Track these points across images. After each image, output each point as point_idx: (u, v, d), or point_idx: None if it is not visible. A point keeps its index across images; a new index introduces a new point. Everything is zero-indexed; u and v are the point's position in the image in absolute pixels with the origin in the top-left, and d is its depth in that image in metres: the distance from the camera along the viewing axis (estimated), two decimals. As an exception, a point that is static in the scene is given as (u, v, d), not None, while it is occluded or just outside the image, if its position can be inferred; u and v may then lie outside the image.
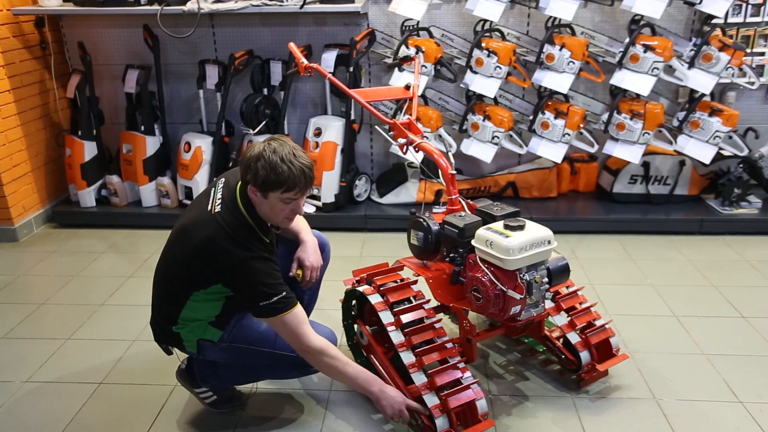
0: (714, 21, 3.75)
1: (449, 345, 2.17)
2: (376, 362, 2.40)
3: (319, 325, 2.22)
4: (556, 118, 3.84)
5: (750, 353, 2.67)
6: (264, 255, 1.97)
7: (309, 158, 1.95)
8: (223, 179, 2.12)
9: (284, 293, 1.97)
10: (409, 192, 4.18)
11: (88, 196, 4.22)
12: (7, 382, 2.56)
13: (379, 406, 2.10)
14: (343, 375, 2.09)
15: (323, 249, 2.44)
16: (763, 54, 3.97)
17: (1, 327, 2.97)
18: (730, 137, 3.81)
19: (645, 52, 3.63)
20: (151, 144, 4.16)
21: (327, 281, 3.15)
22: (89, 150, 4.17)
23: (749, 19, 3.84)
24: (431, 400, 2.05)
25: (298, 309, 2.00)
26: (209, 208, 2.01)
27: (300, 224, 2.37)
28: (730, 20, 3.83)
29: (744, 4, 3.78)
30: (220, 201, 2.02)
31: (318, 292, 2.57)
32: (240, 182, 2.02)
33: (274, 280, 1.97)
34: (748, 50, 3.91)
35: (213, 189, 2.09)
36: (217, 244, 1.93)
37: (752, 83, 3.82)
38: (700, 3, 3.57)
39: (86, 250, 3.85)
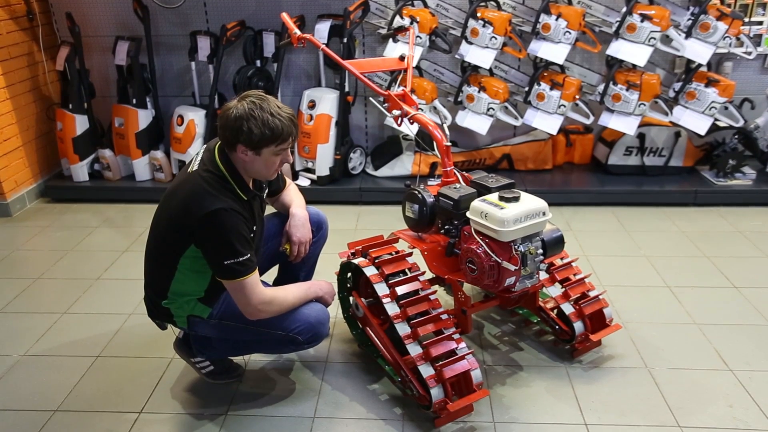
0: (712, -11, 3.73)
1: (444, 316, 2.19)
2: (372, 334, 2.43)
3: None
4: (551, 89, 3.83)
5: (741, 322, 2.71)
6: (237, 209, 1.97)
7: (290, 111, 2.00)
8: (204, 147, 2.16)
9: (249, 255, 1.97)
10: (404, 164, 4.18)
11: (80, 171, 4.21)
12: (5, 356, 2.58)
13: (323, 302, 2.22)
14: (293, 303, 2.12)
15: (321, 226, 2.45)
16: (760, 23, 3.95)
17: (-4, 301, 3.00)
18: (726, 108, 3.82)
19: (642, 21, 3.61)
20: (144, 117, 4.14)
21: (322, 253, 3.16)
22: (81, 123, 4.14)
23: (747, -12, 3.82)
24: (426, 370, 2.08)
25: (256, 273, 2.02)
26: (189, 170, 2.06)
27: (292, 195, 2.39)
28: (728, -11, 3.81)
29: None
30: (199, 162, 2.06)
31: (314, 269, 2.59)
32: (218, 144, 2.05)
33: (243, 240, 1.97)
34: (746, 19, 3.90)
35: (195, 156, 2.13)
36: (195, 195, 1.96)
37: (749, 53, 3.81)
38: (697, -29, 3.55)
39: (80, 224, 3.85)
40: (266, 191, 2.27)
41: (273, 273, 2.56)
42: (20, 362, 2.54)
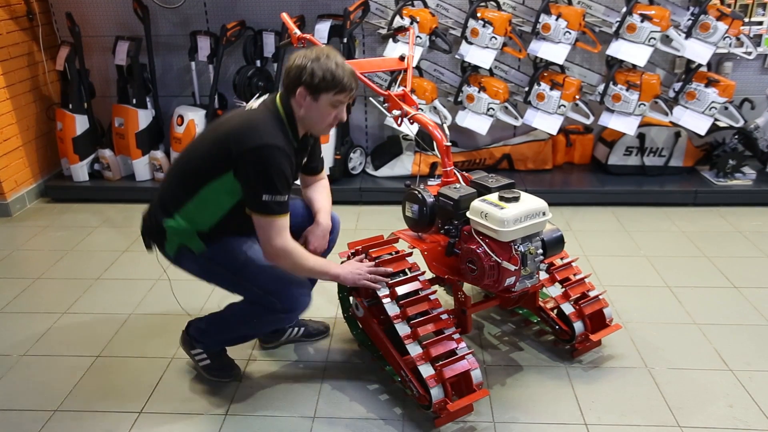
0: (712, -11, 3.73)
1: (444, 316, 2.19)
2: (372, 333, 2.43)
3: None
4: (551, 89, 3.83)
5: (741, 322, 2.71)
6: (286, 151, 2.00)
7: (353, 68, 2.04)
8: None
9: (287, 197, 2.01)
10: (404, 164, 4.18)
11: (80, 171, 4.21)
12: (5, 356, 2.57)
13: (346, 282, 2.19)
14: (311, 268, 2.12)
15: (334, 227, 2.43)
16: (760, 23, 3.95)
17: (-4, 301, 3.00)
18: (726, 108, 3.82)
19: (642, 21, 3.61)
20: (144, 117, 4.14)
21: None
22: (81, 123, 4.15)
23: (748, -12, 3.82)
24: (426, 370, 2.08)
25: (288, 217, 2.04)
26: (247, 108, 2.11)
27: (323, 198, 2.41)
28: (729, -12, 3.82)
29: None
30: (260, 103, 2.10)
31: None
32: (280, 92, 2.08)
33: (285, 180, 2.00)
34: (746, 19, 3.90)
35: (254, 101, 2.16)
36: (250, 126, 2.00)
37: (749, 53, 3.81)
38: (697, -29, 3.55)
39: (80, 224, 3.85)
40: (307, 155, 2.28)
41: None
42: (20, 362, 2.54)
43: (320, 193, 2.42)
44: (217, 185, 2.05)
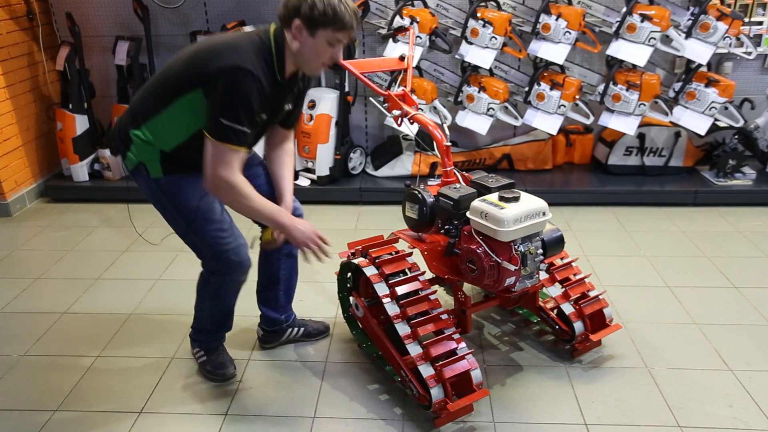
0: (712, -11, 3.73)
1: (444, 316, 2.19)
2: (372, 333, 2.43)
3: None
4: (551, 89, 3.83)
5: (741, 322, 2.71)
6: (262, 81, 1.88)
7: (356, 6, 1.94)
8: None
9: (250, 132, 1.91)
10: (404, 164, 4.18)
11: (80, 170, 4.21)
12: (5, 356, 2.58)
13: (291, 236, 2.08)
14: (253, 209, 2.02)
15: (295, 211, 2.38)
16: (760, 23, 3.95)
17: (-4, 301, 3.00)
18: (726, 108, 3.82)
19: (642, 21, 3.61)
20: (144, 117, 4.13)
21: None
22: (81, 123, 4.15)
23: (747, -12, 3.82)
24: (426, 370, 2.08)
25: (244, 153, 1.95)
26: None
27: (288, 184, 2.30)
28: (729, -11, 3.82)
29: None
30: (253, 30, 2.03)
31: (295, 280, 2.56)
32: (276, 23, 1.99)
33: (250, 111, 1.89)
34: (746, 19, 3.90)
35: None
36: (231, 46, 1.90)
37: (749, 53, 3.81)
38: (697, -29, 3.55)
39: (80, 224, 3.86)
40: (292, 101, 2.18)
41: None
42: (20, 362, 2.54)
43: (285, 168, 2.31)
44: (185, 102, 1.95)
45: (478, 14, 3.77)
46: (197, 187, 2.04)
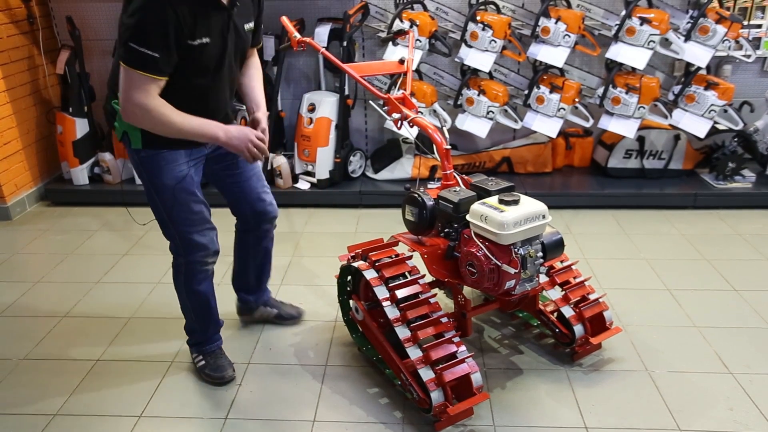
0: (711, -8, 3.74)
1: (444, 320, 2.18)
2: (372, 337, 2.43)
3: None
4: (551, 92, 3.83)
5: (741, 325, 2.71)
6: (179, 5, 1.81)
7: None
8: None
9: (158, 56, 1.83)
10: (404, 168, 4.18)
11: (80, 174, 4.21)
12: (5, 360, 2.57)
13: (229, 147, 2.05)
14: (179, 128, 1.96)
15: (262, 219, 2.52)
16: (759, 26, 3.95)
17: (-4, 305, 3.00)
18: (726, 111, 3.82)
19: (641, 24, 3.61)
20: (144, 120, 4.13)
21: (322, 257, 3.19)
22: (81, 127, 4.15)
23: (746, -9, 3.83)
24: (426, 373, 2.07)
25: (154, 84, 1.87)
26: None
27: (259, 95, 2.29)
28: (728, -8, 3.82)
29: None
30: None
31: (268, 266, 2.67)
32: None
33: (160, 36, 1.81)
34: (745, 22, 3.90)
35: None
36: None
37: (748, 56, 3.81)
38: (696, -26, 3.56)
39: (80, 227, 3.85)
40: (251, 20, 2.14)
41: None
42: (20, 366, 2.54)
43: (254, 80, 2.29)
44: None
45: (478, 17, 3.77)
46: (175, 168, 2.10)
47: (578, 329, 2.40)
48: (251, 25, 2.16)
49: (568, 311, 2.42)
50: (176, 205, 2.15)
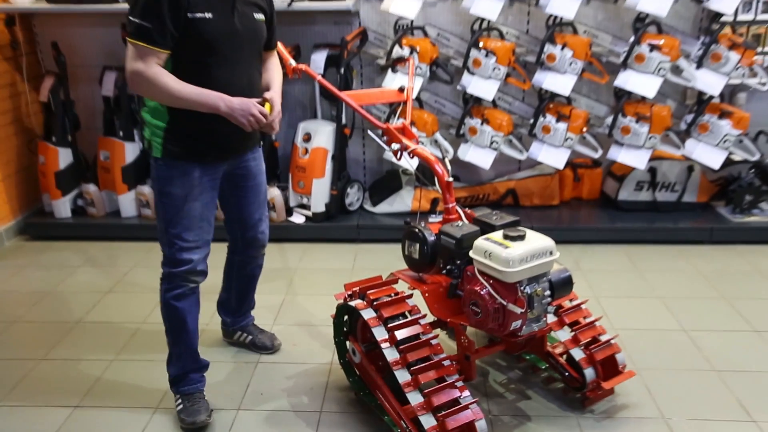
0: (723, 19, 3.80)
1: (446, 362, 2.17)
2: (370, 381, 2.40)
3: None
4: (557, 121, 3.87)
5: (763, 369, 2.69)
6: None
7: None
8: None
9: (150, 26, 2.03)
10: (404, 200, 4.20)
11: (63, 207, 4.22)
12: (-24, 406, 2.55)
13: (231, 118, 2.16)
14: (179, 96, 2.12)
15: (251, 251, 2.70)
16: (774, 53, 4.01)
17: (-31, 346, 2.97)
18: (741, 141, 3.85)
19: (651, 51, 3.67)
20: (130, 150, 4.17)
21: (318, 295, 3.17)
22: (64, 157, 4.17)
23: (760, 17, 3.88)
24: (428, 421, 2.05)
25: (152, 54, 2.06)
26: None
27: (275, 79, 2.46)
28: (740, 18, 3.88)
29: (754, 1, 3.83)
30: None
31: (252, 294, 2.82)
32: None
33: (153, 8, 2.02)
34: (759, 49, 3.96)
35: None
36: None
37: (764, 84, 3.86)
38: (708, 0, 3.61)
39: (61, 263, 3.84)
40: (261, 11, 2.31)
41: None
42: (-7, 412, 2.51)
43: (271, 71, 2.47)
44: None
45: (481, 44, 3.83)
46: (187, 180, 2.25)
47: (589, 373, 2.38)
48: (261, 16, 2.32)
49: (578, 353, 2.41)
50: (177, 216, 2.28)
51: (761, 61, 3.92)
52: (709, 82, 3.74)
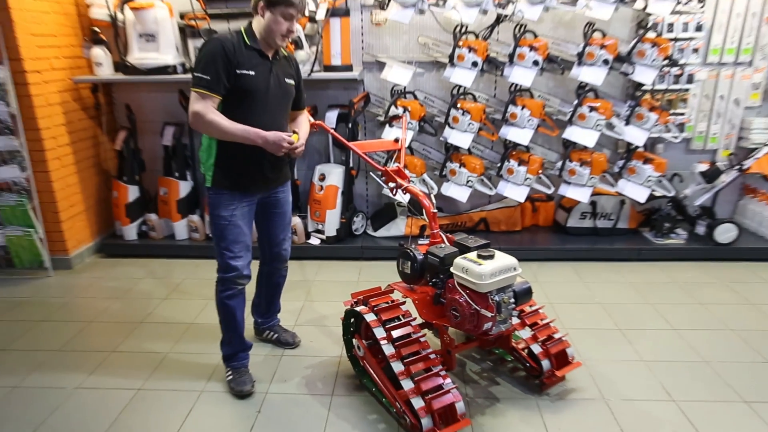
0: (644, 87, 3.85)
1: (432, 356, 2.16)
2: (371, 370, 2.39)
3: None
4: (519, 165, 3.89)
5: (680, 359, 2.68)
6: (227, 45, 2.15)
7: None
8: None
9: (209, 78, 2.13)
10: (399, 227, 4.20)
11: (130, 231, 4.22)
12: (61, 389, 2.53)
13: (266, 148, 2.22)
14: (226, 131, 2.18)
15: (275, 267, 2.72)
16: (683, 114, 4.06)
17: (57, 341, 2.95)
18: (660, 181, 3.88)
19: (590, 111, 3.71)
20: (184, 187, 4.19)
21: (330, 302, 3.16)
22: (132, 192, 4.19)
23: (671, 87, 3.94)
24: (418, 402, 2.04)
25: (209, 99, 2.15)
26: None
27: (303, 126, 2.52)
28: (657, 87, 3.93)
29: (666, 75, 3.89)
30: None
31: (277, 297, 2.81)
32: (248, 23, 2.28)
33: (211, 65, 2.13)
34: (672, 111, 4.00)
35: None
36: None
37: (676, 137, 3.90)
38: (632, 74, 3.67)
39: (128, 276, 3.84)
40: (290, 76, 2.37)
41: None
42: (74, 394, 2.49)
43: (300, 120, 2.54)
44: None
45: (458, 105, 3.86)
46: (230, 205, 2.32)
47: (545, 364, 2.38)
48: (292, 82, 2.40)
49: (536, 348, 2.41)
50: (225, 233, 2.33)
51: (673, 120, 3.96)
52: (635, 135, 3.77)
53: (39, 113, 3.63)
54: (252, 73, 2.21)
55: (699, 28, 3.80)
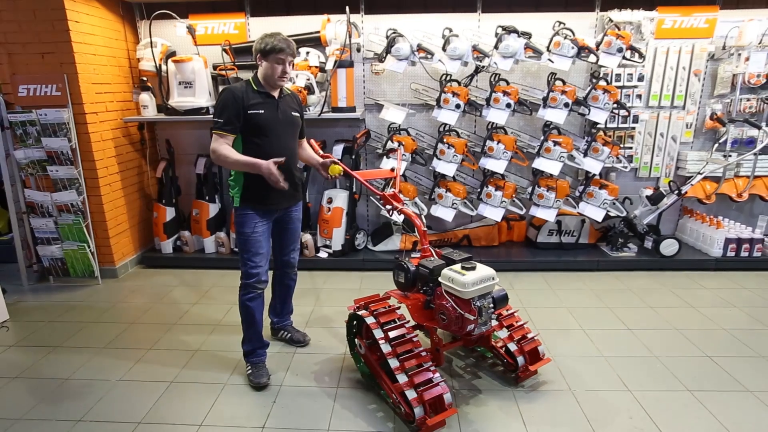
0: (598, 126, 3.88)
1: (423, 353, 2.13)
2: (371, 366, 2.35)
3: None
4: (496, 190, 3.89)
5: (634, 355, 2.64)
6: (236, 93, 2.23)
7: (289, 39, 2.26)
8: None
9: (223, 120, 2.22)
10: (395, 242, 4.18)
11: (167, 246, 4.19)
12: (105, 381, 2.48)
13: (261, 174, 2.23)
14: (235, 162, 2.23)
15: (287, 272, 2.73)
16: (630, 147, 4.08)
17: (103, 340, 2.90)
18: (614, 203, 3.88)
19: (555, 145, 3.72)
20: (213, 209, 4.17)
21: (336, 306, 3.13)
22: (170, 213, 4.16)
23: (621, 126, 3.98)
24: (411, 394, 2.00)
25: (223, 137, 2.23)
26: None
27: (311, 152, 2.60)
28: (609, 126, 3.96)
29: (616, 116, 3.92)
30: None
31: (290, 298, 2.78)
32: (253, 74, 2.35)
33: (225, 110, 2.21)
34: (621, 145, 4.03)
35: None
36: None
37: (625, 167, 3.91)
38: (588, 114, 3.70)
39: (164, 284, 3.80)
40: (293, 110, 2.41)
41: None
42: (117, 385, 2.44)
43: (307, 148, 2.61)
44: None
45: (445, 140, 3.87)
46: (251, 222, 2.34)
47: (520, 360, 2.35)
48: (297, 114, 2.46)
49: (512, 346, 2.37)
50: (247, 245, 2.36)
51: (623, 153, 3.98)
52: (592, 165, 3.78)
53: (94, 147, 3.65)
54: (261, 111, 2.27)
55: (641, 78, 3.85)
